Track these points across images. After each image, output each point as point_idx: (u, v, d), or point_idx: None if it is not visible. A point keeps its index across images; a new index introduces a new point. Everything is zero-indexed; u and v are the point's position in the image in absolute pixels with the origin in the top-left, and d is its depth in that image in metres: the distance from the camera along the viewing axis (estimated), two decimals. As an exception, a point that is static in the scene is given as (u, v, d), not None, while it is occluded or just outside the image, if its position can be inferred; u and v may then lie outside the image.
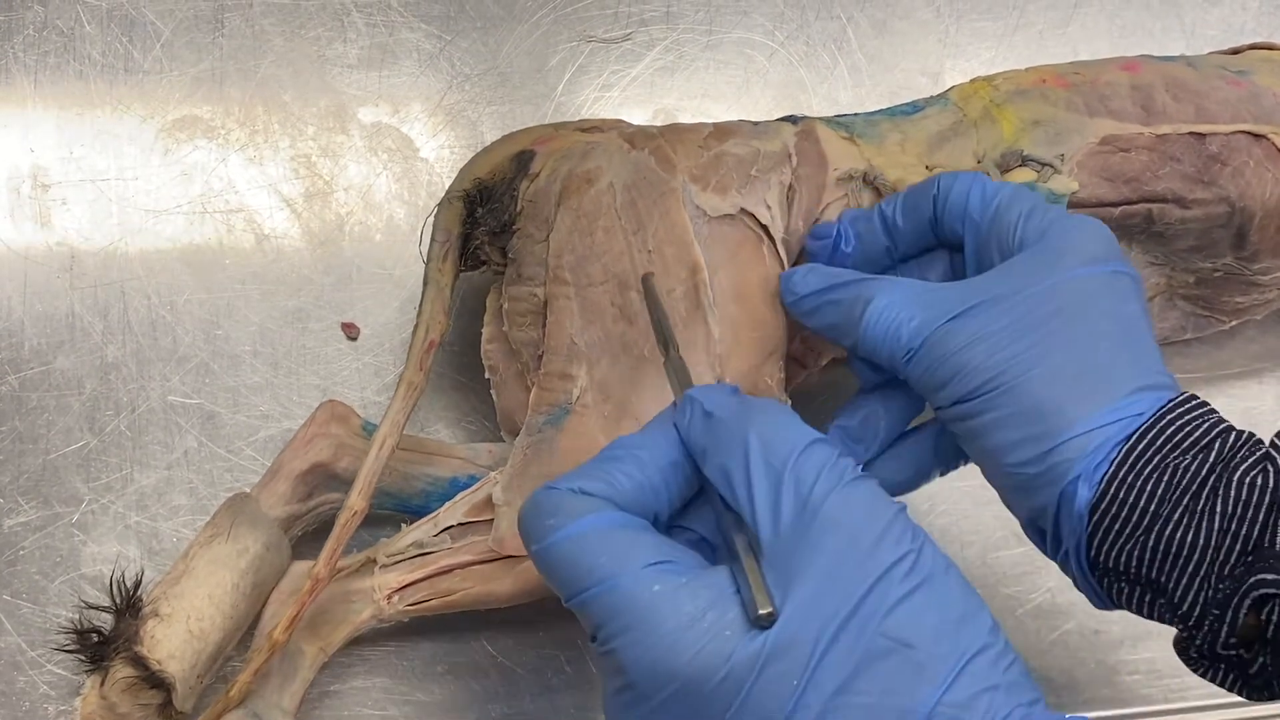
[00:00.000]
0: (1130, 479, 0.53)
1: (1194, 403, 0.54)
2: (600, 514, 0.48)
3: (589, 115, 0.80)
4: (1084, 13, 0.86)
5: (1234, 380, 0.78)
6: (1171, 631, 0.55)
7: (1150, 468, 0.53)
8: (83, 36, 0.77)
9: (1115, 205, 0.66)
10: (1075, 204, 0.66)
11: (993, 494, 0.74)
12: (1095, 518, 0.53)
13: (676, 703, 0.46)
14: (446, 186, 0.68)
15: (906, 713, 0.44)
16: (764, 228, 0.64)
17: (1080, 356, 0.55)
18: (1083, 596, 0.57)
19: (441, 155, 0.78)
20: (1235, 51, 0.75)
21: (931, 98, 0.70)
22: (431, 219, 0.67)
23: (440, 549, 0.64)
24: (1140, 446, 0.53)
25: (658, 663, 0.46)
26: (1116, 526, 0.53)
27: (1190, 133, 0.67)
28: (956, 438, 0.58)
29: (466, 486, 0.66)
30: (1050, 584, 0.72)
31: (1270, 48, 0.75)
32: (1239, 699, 0.72)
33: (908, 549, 0.46)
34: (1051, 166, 0.66)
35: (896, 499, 0.48)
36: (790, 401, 0.65)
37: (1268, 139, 0.67)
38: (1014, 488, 0.56)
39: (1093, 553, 0.54)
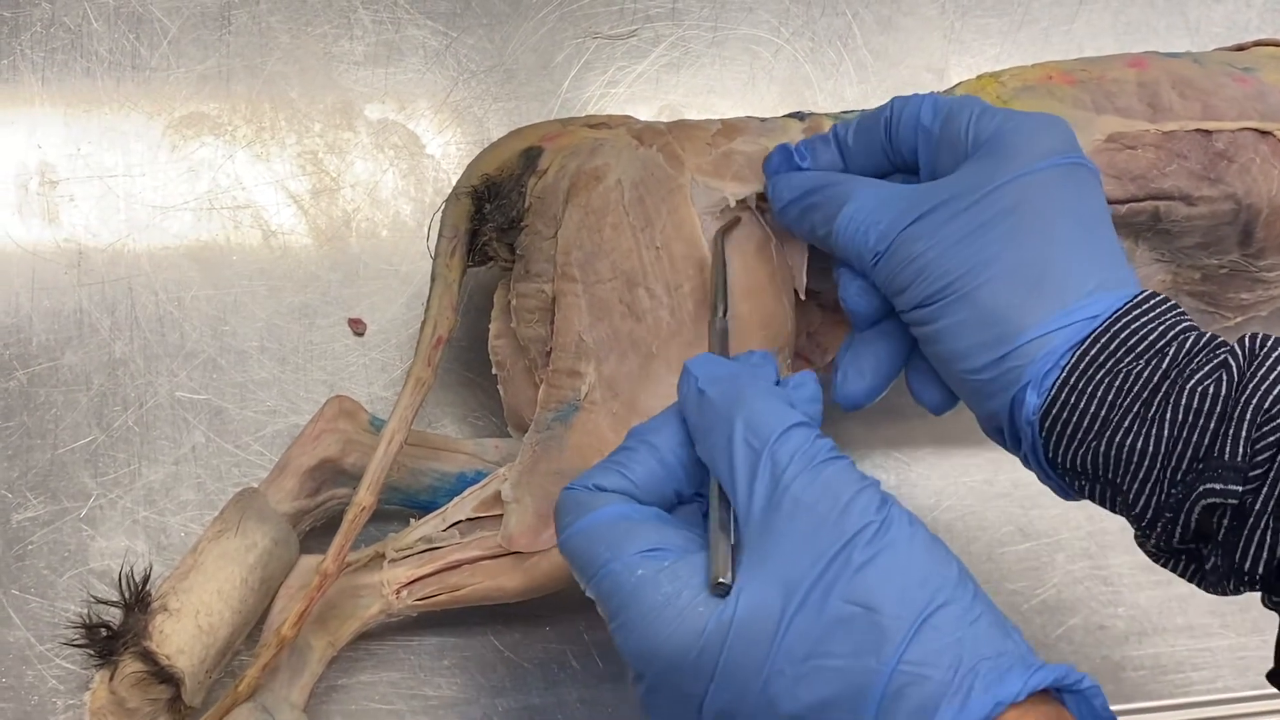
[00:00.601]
0: (1081, 384, 0.52)
1: (1153, 301, 0.53)
2: (607, 507, 0.50)
3: (595, 111, 0.80)
4: (1089, 9, 0.86)
5: (1239, 376, 0.78)
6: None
7: (1103, 372, 0.52)
8: (90, 34, 0.77)
9: (1122, 203, 0.66)
10: (1081, 201, 0.66)
11: (999, 490, 0.75)
12: (1047, 423, 0.53)
13: (665, 680, 0.48)
14: (453, 183, 0.68)
15: (871, 673, 0.45)
16: (771, 225, 0.64)
17: (1035, 257, 0.54)
18: (1089, 593, 0.57)
19: (448, 152, 0.78)
20: (1241, 48, 0.75)
21: (937, 94, 0.70)
22: (439, 215, 0.67)
23: (449, 544, 0.64)
24: (1094, 351, 0.53)
25: (642, 642, 0.48)
26: (1069, 431, 0.53)
27: (1197, 130, 0.67)
28: (918, 343, 0.58)
29: (474, 482, 0.66)
30: (1056, 580, 0.73)
31: (1276, 44, 0.75)
32: (1240, 695, 0.72)
33: (871, 519, 0.47)
34: (1057, 163, 0.66)
35: (870, 477, 0.49)
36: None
37: (1274, 136, 0.67)
38: (970, 393, 0.56)
39: (1049, 454, 0.54)
